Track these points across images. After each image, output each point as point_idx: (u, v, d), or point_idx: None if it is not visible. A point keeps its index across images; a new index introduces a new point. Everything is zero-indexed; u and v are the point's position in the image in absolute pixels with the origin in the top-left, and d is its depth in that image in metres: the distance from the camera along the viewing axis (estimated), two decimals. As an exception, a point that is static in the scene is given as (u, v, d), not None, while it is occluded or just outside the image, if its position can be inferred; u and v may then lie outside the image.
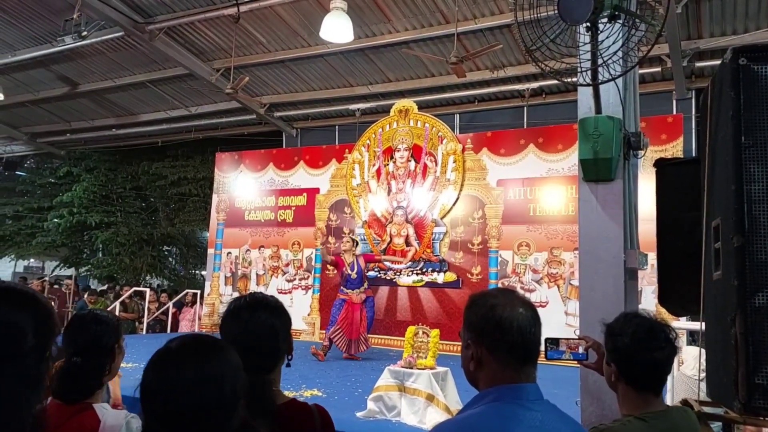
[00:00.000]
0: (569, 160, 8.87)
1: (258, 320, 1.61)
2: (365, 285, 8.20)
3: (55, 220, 15.93)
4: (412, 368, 4.76)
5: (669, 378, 4.34)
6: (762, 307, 1.93)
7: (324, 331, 8.53)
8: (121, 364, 1.97)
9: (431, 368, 4.78)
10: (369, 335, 8.41)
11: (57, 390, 1.82)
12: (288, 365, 1.67)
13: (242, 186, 11.98)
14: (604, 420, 2.99)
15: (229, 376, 1.09)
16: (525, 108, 10.43)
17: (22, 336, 1.18)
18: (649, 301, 7.34)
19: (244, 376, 1.15)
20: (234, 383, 1.10)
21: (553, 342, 2.15)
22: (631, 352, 1.77)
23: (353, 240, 8.55)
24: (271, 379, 1.56)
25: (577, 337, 2.15)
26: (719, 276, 2.21)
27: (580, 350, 2.12)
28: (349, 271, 8.20)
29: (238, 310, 1.65)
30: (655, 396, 1.82)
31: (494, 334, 1.31)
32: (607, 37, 2.46)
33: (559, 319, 8.59)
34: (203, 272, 14.71)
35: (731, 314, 1.98)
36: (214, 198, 12.35)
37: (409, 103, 10.35)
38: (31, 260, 23.90)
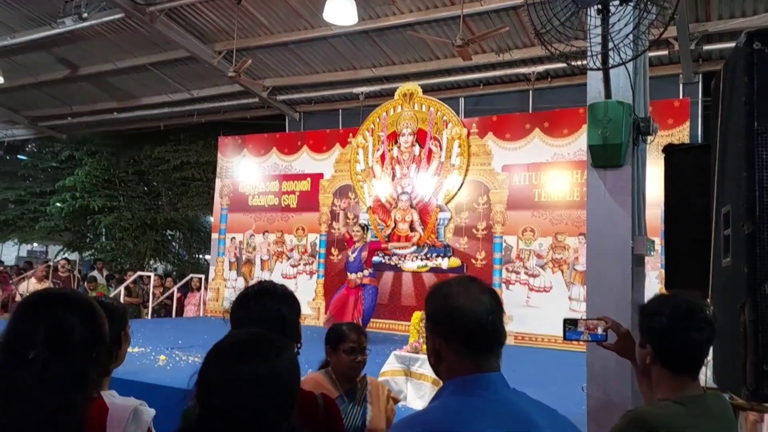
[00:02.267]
0: (575, 144, 8.83)
1: (264, 308, 1.63)
2: (366, 271, 8.12)
3: (58, 204, 15.98)
4: (418, 353, 4.80)
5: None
6: (773, 294, 1.93)
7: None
8: (128, 350, 1.98)
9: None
10: (370, 322, 8.24)
11: None
12: (297, 353, 1.68)
13: (245, 170, 11.97)
14: (611, 407, 3.01)
15: (292, 374, 1.10)
16: (531, 92, 10.36)
17: (71, 335, 1.24)
18: (653, 286, 7.35)
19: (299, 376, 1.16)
20: (295, 382, 1.11)
21: (572, 323, 2.13)
22: (669, 333, 1.71)
23: (363, 227, 8.51)
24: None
25: (596, 318, 2.11)
26: (728, 263, 2.21)
27: (599, 331, 2.09)
28: (350, 254, 8.23)
29: (246, 298, 1.67)
30: (693, 380, 1.77)
31: (449, 324, 1.27)
32: (618, 20, 2.43)
33: (562, 304, 8.62)
34: (207, 257, 14.78)
35: (741, 301, 1.98)
36: (218, 182, 12.36)
37: (413, 86, 10.30)
38: (35, 244, 24.02)
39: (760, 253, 1.95)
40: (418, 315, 5.26)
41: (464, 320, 1.25)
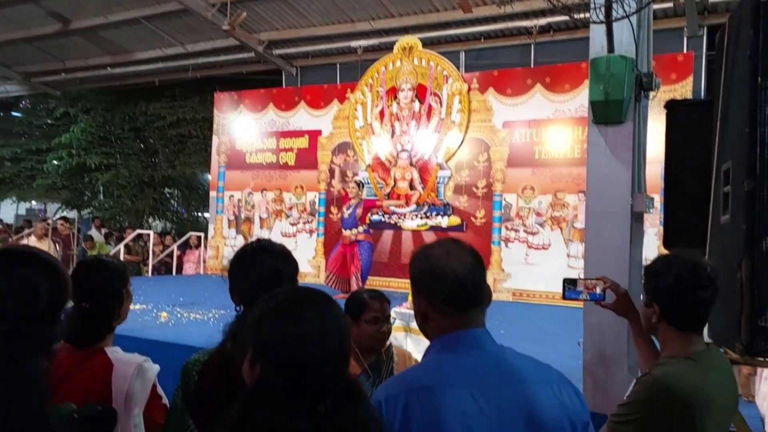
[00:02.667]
0: (576, 100, 8.74)
1: (262, 264, 1.65)
2: (360, 228, 8.12)
3: (54, 162, 15.91)
4: (416, 310, 4.86)
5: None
6: (769, 251, 1.95)
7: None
8: (130, 308, 2.01)
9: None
10: (368, 279, 8.31)
11: (68, 335, 1.86)
12: None
13: (242, 127, 11.87)
14: (605, 361, 3.07)
15: (345, 329, 1.13)
16: (532, 46, 10.19)
17: (36, 298, 1.23)
18: (651, 243, 7.40)
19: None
20: (348, 336, 1.14)
21: (571, 282, 2.17)
22: (676, 292, 1.77)
23: (359, 183, 8.48)
24: None
25: (595, 278, 2.16)
26: (727, 220, 2.22)
27: (598, 291, 2.14)
28: (345, 210, 8.24)
29: (243, 255, 1.70)
30: (698, 335, 1.84)
31: (431, 285, 1.30)
32: (622, -28, 2.38)
33: (560, 261, 8.68)
34: (206, 215, 14.80)
35: (738, 258, 2.00)
36: (214, 140, 12.27)
37: (413, 40, 10.12)
38: (33, 202, 24.02)
39: (759, 210, 1.96)
40: (417, 272, 5.32)
41: (445, 280, 1.28)
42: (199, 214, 17.93)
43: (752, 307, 1.94)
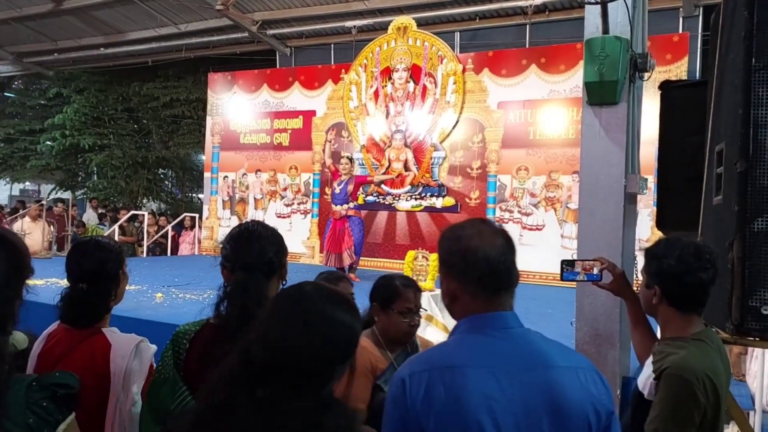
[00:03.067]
0: (571, 81, 8.71)
1: (252, 247, 1.73)
2: (351, 203, 8.07)
3: (48, 142, 15.80)
4: (411, 290, 4.87)
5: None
6: (761, 232, 1.96)
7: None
8: (126, 288, 2.01)
9: (430, 290, 4.90)
10: (362, 258, 8.36)
11: (65, 315, 1.87)
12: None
13: (236, 108, 11.79)
14: (597, 340, 3.10)
15: (358, 326, 1.15)
16: (528, 26, 10.13)
17: None
18: (645, 224, 7.44)
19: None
20: (358, 336, 1.15)
21: (569, 263, 2.20)
22: (679, 274, 1.79)
23: (351, 160, 8.38)
24: (267, 283, 1.70)
25: (592, 259, 2.18)
26: (720, 201, 2.23)
27: (595, 271, 2.16)
28: (335, 186, 8.19)
29: (232, 238, 1.78)
30: (698, 316, 1.87)
31: (461, 266, 1.29)
32: (618, -48, 2.36)
33: (555, 242, 8.72)
34: (200, 195, 14.76)
35: (730, 239, 2.01)
36: (208, 120, 12.19)
37: (407, 19, 10.04)
38: (27, 183, 23.89)
39: (752, 191, 1.97)
40: (411, 254, 5.33)
41: (477, 261, 1.27)
42: (194, 195, 17.88)
43: (743, 287, 1.96)
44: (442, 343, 1.36)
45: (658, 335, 1.99)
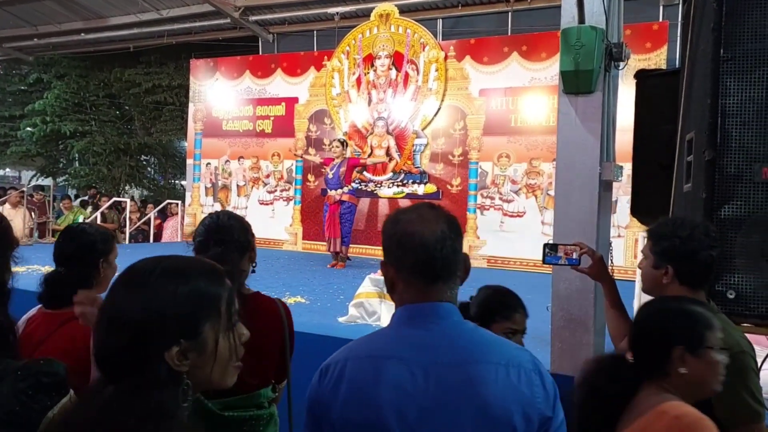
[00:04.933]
0: (552, 69, 8.74)
1: (219, 233, 1.84)
2: (345, 188, 7.96)
3: (29, 129, 15.57)
4: (391, 276, 4.89)
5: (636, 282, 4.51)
6: (727, 219, 2.01)
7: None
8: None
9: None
10: (350, 246, 8.31)
11: (43, 296, 1.88)
12: (253, 271, 1.90)
13: (219, 95, 11.69)
14: (573, 324, 3.15)
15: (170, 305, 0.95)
16: (510, 14, 10.14)
17: None
18: (623, 211, 7.52)
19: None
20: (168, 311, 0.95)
21: (552, 248, 2.24)
22: (692, 252, 1.80)
23: (342, 142, 8.21)
24: (240, 259, 1.82)
25: (572, 243, 2.21)
26: (689, 188, 2.28)
27: (575, 256, 2.19)
28: (328, 170, 8.10)
29: (209, 219, 1.91)
30: (705, 293, 1.89)
31: (397, 252, 1.21)
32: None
33: (535, 228, 8.79)
34: (183, 182, 14.65)
35: (698, 225, 2.06)
36: (191, 107, 12.08)
37: (390, 6, 9.99)
38: (7, 170, 23.52)
39: (719, 179, 2.02)
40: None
41: (412, 247, 1.18)
42: (177, 182, 17.73)
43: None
44: (375, 332, 1.29)
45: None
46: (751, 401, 1.69)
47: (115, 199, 12.46)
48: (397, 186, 9.89)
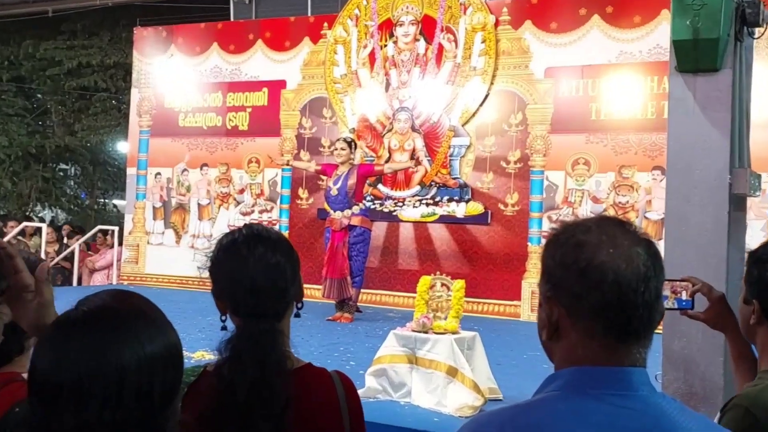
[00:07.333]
0: (651, 38, 8.82)
1: (259, 256, 1.76)
2: (355, 208, 8.02)
3: None
4: (427, 332, 4.90)
5: None
6: None
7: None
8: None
9: (454, 332, 4.93)
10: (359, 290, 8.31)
11: None
12: (298, 315, 1.85)
13: (174, 77, 11.87)
14: (694, 400, 3.18)
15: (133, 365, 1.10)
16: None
17: None
18: (756, 239, 7.52)
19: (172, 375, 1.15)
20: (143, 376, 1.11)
21: None
22: None
23: (349, 143, 8.29)
24: (281, 330, 1.74)
25: (679, 279, 2.18)
26: None
27: (684, 296, 2.15)
28: (330, 184, 8.10)
29: (234, 246, 1.81)
30: None
31: (576, 288, 1.18)
32: None
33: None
34: (119, 202, 14.81)
35: None
36: (134, 94, 12.26)
37: (417, -47, 10.19)
38: None
39: None
40: (426, 281, 5.34)
41: (602, 285, 1.16)
42: (107, 200, 17.93)
43: None
44: (526, 403, 1.25)
45: None
46: None
47: (25, 224, 12.58)
48: (427, 205, 9.93)
